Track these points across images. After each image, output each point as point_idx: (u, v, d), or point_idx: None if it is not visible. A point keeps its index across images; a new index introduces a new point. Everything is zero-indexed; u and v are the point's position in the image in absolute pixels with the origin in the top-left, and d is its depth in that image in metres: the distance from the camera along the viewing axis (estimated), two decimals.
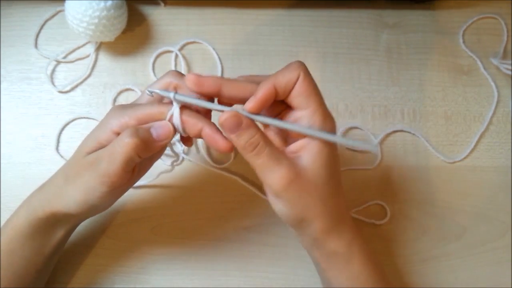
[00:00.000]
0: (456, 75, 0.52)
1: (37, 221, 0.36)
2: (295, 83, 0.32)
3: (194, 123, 0.34)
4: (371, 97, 0.51)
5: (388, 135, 0.50)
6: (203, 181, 0.48)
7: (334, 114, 0.49)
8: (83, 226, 0.42)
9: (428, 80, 0.52)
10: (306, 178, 0.33)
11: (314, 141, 0.33)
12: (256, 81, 0.34)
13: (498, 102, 0.51)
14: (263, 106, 0.32)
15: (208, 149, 0.49)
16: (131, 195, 0.48)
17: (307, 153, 0.33)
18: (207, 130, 0.34)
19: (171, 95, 0.33)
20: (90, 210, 0.36)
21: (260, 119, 0.33)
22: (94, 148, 0.34)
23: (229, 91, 0.33)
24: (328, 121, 0.33)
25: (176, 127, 0.34)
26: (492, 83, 0.52)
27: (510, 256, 0.48)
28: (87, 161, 0.34)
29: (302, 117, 0.33)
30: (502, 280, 0.47)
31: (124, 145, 0.32)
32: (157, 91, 0.34)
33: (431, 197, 0.49)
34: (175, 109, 0.33)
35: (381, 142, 0.50)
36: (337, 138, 0.33)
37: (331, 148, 0.33)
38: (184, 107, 0.34)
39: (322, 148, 0.33)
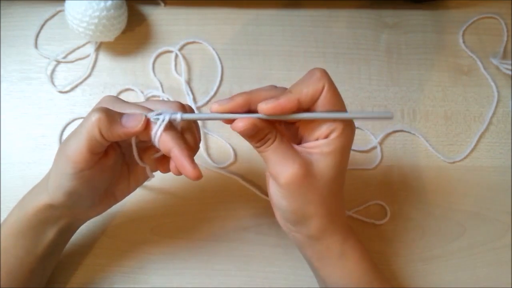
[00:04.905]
0: (456, 75, 0.52)
1: (27, 218, 0.36)
2: (320, 94, 0.32)
3: (166, 141, 0.32)
4: (371, 97, 0.51)
5: (388, 135, 0.50)
6: (203, 181, 0.48)
7: None
8: (82, 226, 0.42)
9: (428, 80, 0.52)
10: (314, 177, 0.33)
11: (328, 141, 0.33)
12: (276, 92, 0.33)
13: (498, 102, 0.51)
14: (280, 113, 0.31)
15: (207, 149, 0.49)
16: (131, 195, 0.47)
17: (320, 152, 0.33)
18: (176, 152, 0.32)
19: (177, 115, 0.33)
20: (70, 200, 0.35)
21: (276, 118, 0.32)
22: None
23: (257, 102, 0.32)
24: (348, 128, 0.33)
25: (153, 137, 0.33)
26: (492, 83, 0.51)
27: (510, 256, 0.48)
28: (60, 145, 0.34)
29: (323, 125, 0.33)
30: (502, 280, 0.47)
31: (89, 121, 0.31)
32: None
33: (432, 197, 0.49)
34: (162, 121, 0.32)
35: (381, 142, 0.50)
36: (354, 114, 0.33)
37: (344, 150, 0.33)
38: (170, 127, 0.33)
39: (335, 149, 0.33)
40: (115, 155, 0.35)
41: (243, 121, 0.32)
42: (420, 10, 0.53)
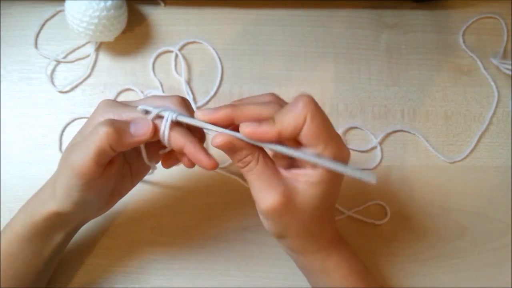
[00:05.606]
0: (456, 75, 0.52)
1: (35, 224, 0.36)
2: (302, 127, 0.30)
3: (177, 139, 0.33)
4: (371, 97, 0.51)
5: (388, 135, 0.50)
6: (203, 181, 0.48)
7: (334, 114, 0.50)
8: (84, 226, 0.42)
9: (428, 80, 0.52)
10: (294, 204, 0.32)
11: (315, 171, 0.31)
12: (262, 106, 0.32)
13: (498, 102, 0.51)
14: (259, 141, 0.31)
15: (207, 149, 0.49)
16: (131, 195, 0.47)
17: (306, 180, 0.32)
18: (190, 148, 0.33)
19: (174, 115, 0.32)
20: (79, 208, 0.35)
21: (255, 143, 0.32)
22: None
23: (240, 119, 0.32)
24: (337, 159, 0.31)
25: (162, 137, 0.33)
26: (492, 83, 0.52)
27: (510, 256, 0.48)
28: (64, 155, 0.34)
29: (312, 150, 0.31)
30: (502, 280, 0.47)
31: (97, 135, 0.31)
32: (151, 109, 0.33)
33: (431, 197, 0.49)
34: (166, 121, 0.32)
35: (381, 142, 0.50)
36: (336, 166, 0.31)
37: (333, 181, 0.32)
38: (176, 123, 0.33)
39: (323, 181, 0.32)
40: (119, 160, 0.35)
41: (221, 136, 0.31)
42: (420, 10, 0.53)
